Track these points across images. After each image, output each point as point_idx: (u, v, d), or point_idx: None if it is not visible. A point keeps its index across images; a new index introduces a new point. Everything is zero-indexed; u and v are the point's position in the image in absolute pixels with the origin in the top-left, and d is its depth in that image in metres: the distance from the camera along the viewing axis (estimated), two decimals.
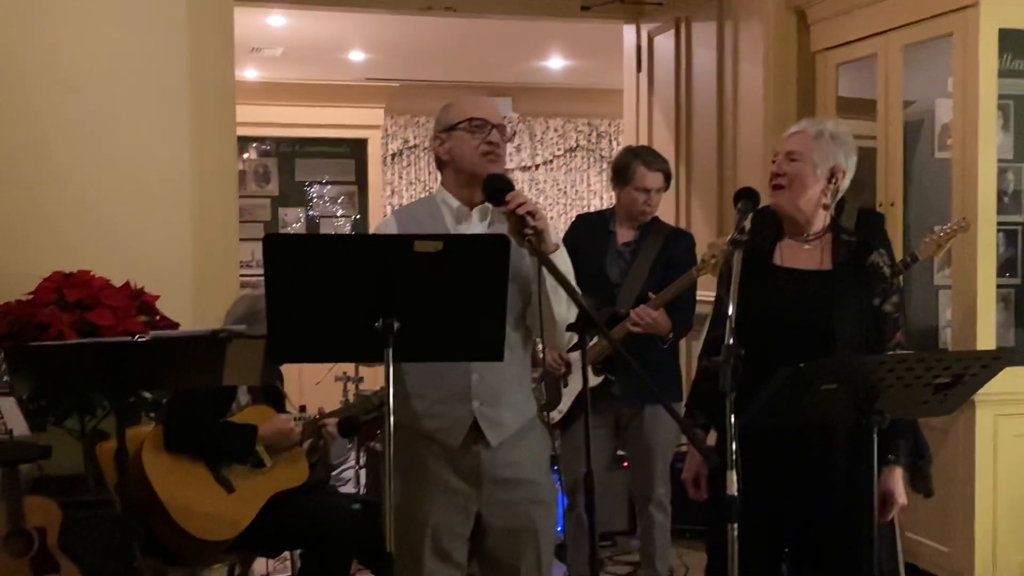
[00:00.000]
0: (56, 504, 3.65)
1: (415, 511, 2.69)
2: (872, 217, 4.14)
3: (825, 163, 2.77)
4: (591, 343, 4.02)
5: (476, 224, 2.71)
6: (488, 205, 2.68)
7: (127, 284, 4.13)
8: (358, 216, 8.86)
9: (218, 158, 4.77)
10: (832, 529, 2.72)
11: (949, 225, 4.09)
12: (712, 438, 2.83)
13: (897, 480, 2.73)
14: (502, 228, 2.51)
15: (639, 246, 4.16)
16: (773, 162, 2.83)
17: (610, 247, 4.20)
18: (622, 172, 4.15)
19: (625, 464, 4.75)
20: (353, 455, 6.22)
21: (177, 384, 3.35)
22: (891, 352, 2.74)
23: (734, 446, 2.29)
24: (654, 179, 4.09)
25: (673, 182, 4.39)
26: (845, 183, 2.83)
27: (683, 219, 6.05)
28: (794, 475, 2.70)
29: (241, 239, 5.16)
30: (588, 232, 4.30)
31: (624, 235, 4.21)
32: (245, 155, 8.44)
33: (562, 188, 9.79)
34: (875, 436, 2.41)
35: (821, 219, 2.83)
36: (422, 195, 9.19)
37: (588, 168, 9.86)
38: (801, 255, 2.83)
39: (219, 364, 2.62)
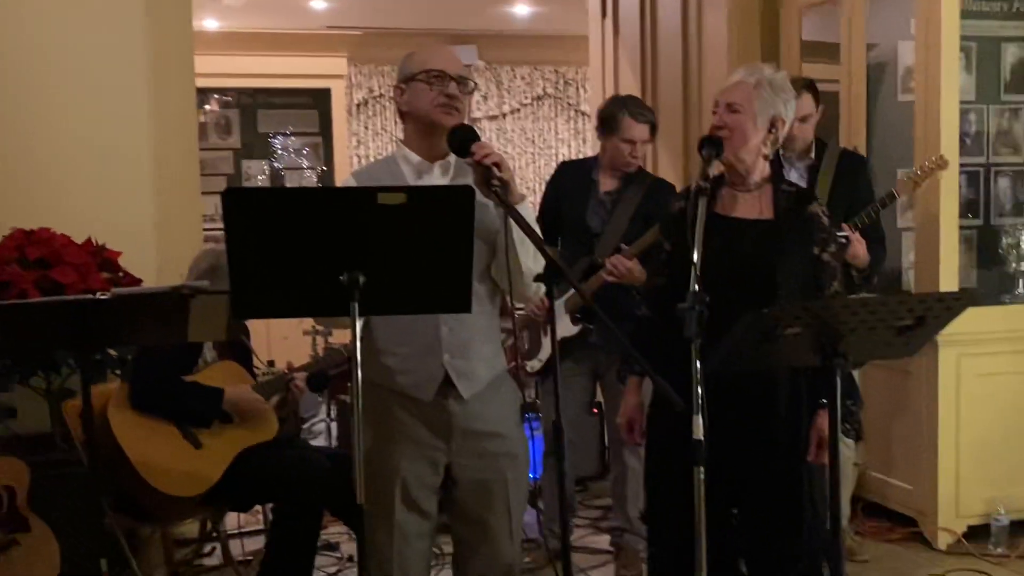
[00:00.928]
0: (24, 463, 3.63)
1: (385, 462, 2.69)
2: (854, 159, 4.14)
3: (765, 113, 2.77)
4: (568, 294, 4.05)
5: (438, 178, 2.68)
6: (450, 159, 2.66)
7: (88, 241, 4.08)
8: (323, 168, 8.79)
9: (178, 110, 4.71)
10: (774, 472, 2.77)
11: (926, 162, 4.10)
12: (648, 386, 2.86)
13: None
14: (464, 182, 2.49)
15: (620, 196, 4.15)
16: (714, 113, 2.82)
17: (592, 195, 4.18)
18: (608, 122, 4.12)
19: (595, 412, 4.79)
20: (324, 409, 6.23)
21: (141, 341, 3.33)
22: (828, 298, 2.77)
23: (700, 391, 2.31)
24: (640, 131, 4.07)
25: None
26: (784, 132, 2.84)
27: (649, 165, 6.03)
28: (737, 420, 2.73)
29: (203, 192, 5.12)
30: (571, 180, 4.28)
31: (606, 184, 4.19)
32: (206, 107, 8.33)
33: (530, 137, 9.74)
34: (838, 380, 2.43)
35: (761, 169, 2.84)
36: (389, 145, 9.12)
37: (556, 116, 9.81)
38: (742, 204, 2.84)
39: (183, 320, 2.59)
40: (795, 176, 4.09)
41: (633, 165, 4.15)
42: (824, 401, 2.67)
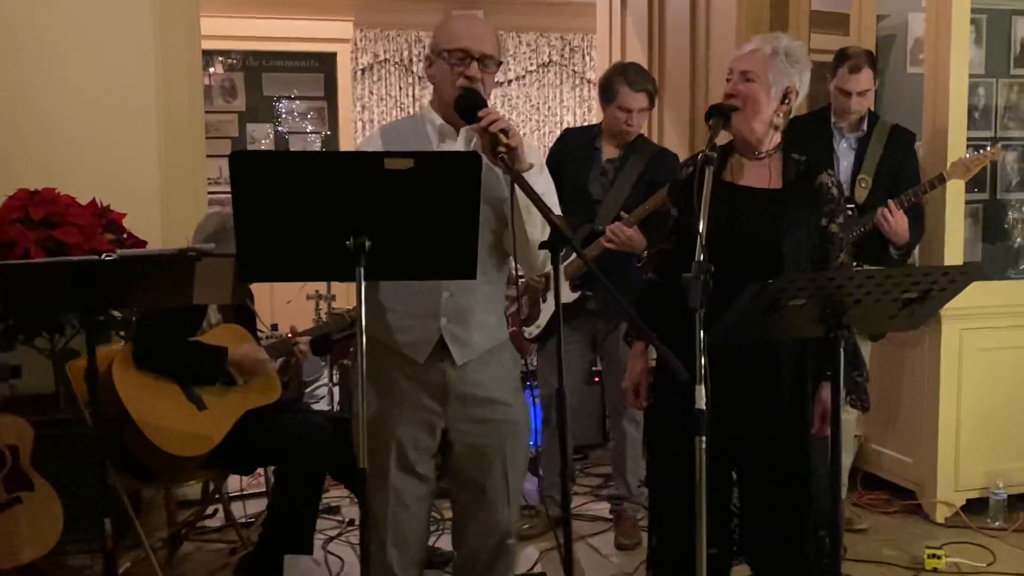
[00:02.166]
0: (28, 423, 3.65)
1: (382, 425, 2.70)
2: (904, 134, 4.14)
3: (779, 84, 2.75)
4: (568, 260, 4.05)
5: (460, 144, 2.67)
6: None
7: (93, 202, 4.08)
8: (328, 132, 8.76)
9: (183, 73, 4.68)
10: (777, 443, 2.78)
11: (982, 152, 4.10)
12: (650, 355, 2.86)
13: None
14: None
15: (623, 164, 4.15)
16: (728, 80, 2.80)
17: (594, 163, 4.18)
18: (607, 90, 4.12)
19: (596, 380, 4.80)
20: (326, 372, 6.24)
21: (146, 303, 3.34)
22: (835, 270, 2.77)
23: (703, 360, 2.30)
24: (636, 99, 4.06)
25: None
26: (797, 103, 2.82)
27: (655, 133, 6.02)
28: (741, 391, 2.75)
29: (208, 155, 5.09)
30: (573, 147, 4.27)
31: (609, 152, 4.19)
32: (211, 69, 8.28)
33: (535, 104, 9.69)
34: (841, 352, 2.44)
35: (772, 139, 2.83)
36: (393, 111, 9.08)
37: (561, 84, 9.75)
38: (751, 173, 2.84)
39: (188, 283, 2.59)
40: (844, 147, 4.11)
41: (630, 134, 4.13)
42: (830, 372, 2.68)
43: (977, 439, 4.48)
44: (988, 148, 4.09)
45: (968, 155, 4.06)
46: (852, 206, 3.71)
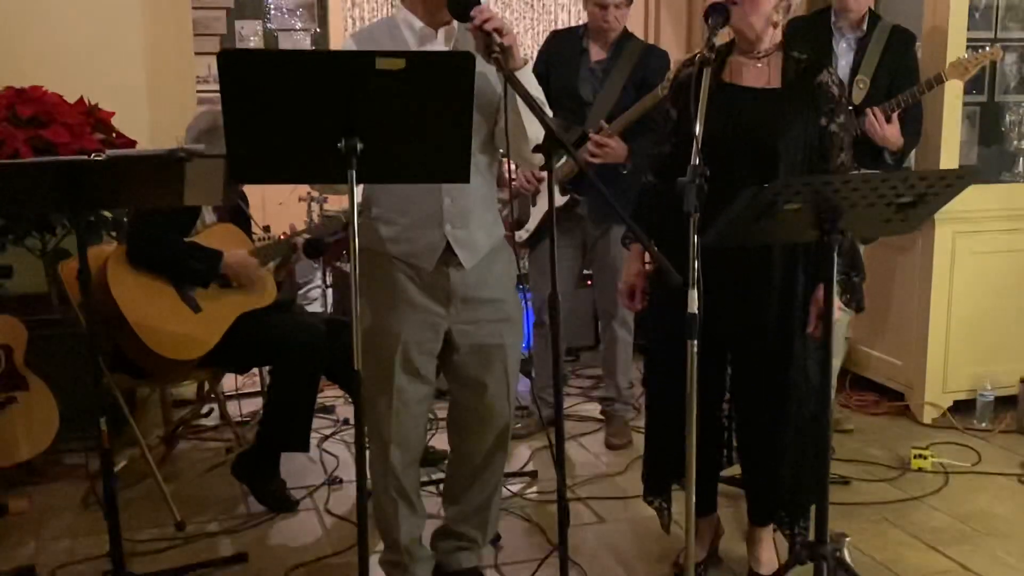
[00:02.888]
0: (21, 322, 3.66)
1: (386, 329, 2.72)
2: (904, 34, 4.07)
3: None
4: (560, 163, 4.01)
5: (441, 45, 2.63)
6: (454, 26, 2.60)
7: (81, 100, 4.03)
8: (318, 29, 8.59)
9: None
10: (767, 343, 2.80)
11: (980, 52, 4.03)
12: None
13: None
14: (468, 49, 2.43)
15: (611, 64, 4.08)
16: None
17: (582, 65, 4.12)
18: None
19: (589, 283, 4.81)
20: (319, 274, 6.25)
21: (136, 203, 3.31)
22: (835, 170, 2.75)
23: (696, 265, 2.30)
24: None
25: None
26: (798, 1, 2.77)
27: (652, 34, 5.93)
28: (733, 292, 2.76)
29: (196, 53, 5.01)
30: (561, 49, 4.21)
31: (597, 53, 4.12)
32: None
33: (529, 1, 9.50)
34: (836, 255, 2.44)
35: (771, 37, 2.78)
36: (385, 6, 8.90)
37: None
38: (750, 72, 2.80)
39: (179, 183, 2.56)
40: (844, 47, 4.06)
41: (609, 30, 4.05)
42: None
43: (966, 342, 4.51)
44: (987, 48, 4.03)
45: (967, 55, 4.01)
46: (850, 107, 3.66)
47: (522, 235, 4.25)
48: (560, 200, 4.09)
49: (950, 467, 3.97)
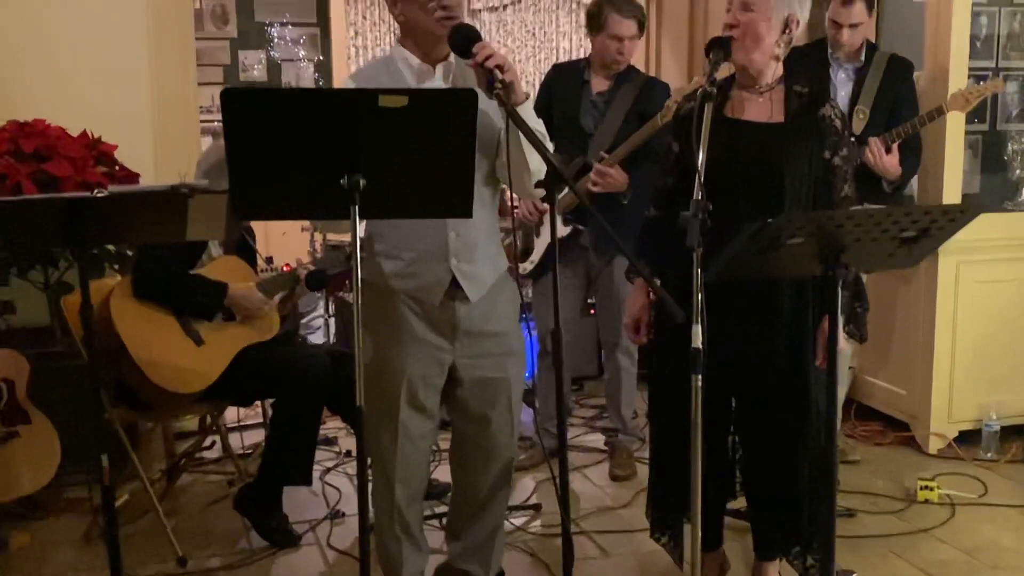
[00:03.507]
0: (24, 356, 3.65)
1: (391, 364, 2.71)
2: (902, 63, 4.09)
3: (780, 13, 2.70)
4: (561, 194, 4.01)
5: (439, 82, 2.64)
6: (451, 61, 2.61)
7: (84, 133, 4.04)
8: (321, 58, 8.63)
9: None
10: (776, 375, 2.79)
11: (983, 83, 4.05)
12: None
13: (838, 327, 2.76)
14: (466, 85, 2.44)
15: (613, 96, 4.11)
16: (728, 11, 2.75)
17: (584, 97, 4.14)
18: (595, 19, 4.06)
19: (592, 312, 4.80)
20: (322, 305, 6.24)
21: (139, 239, 3.32)
22: (839, 202, 2.76)
23: (700, 298, 2.30)
24: (627, 27, 4.00)
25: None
26: (798, 32, 2.77)
27: (653, 66, 5.96)
28: (741, 324, 2.75)
29: (200, 83, 5.02)
30: (563, 81, 4.23)
31: (599, 84, 4.15)
32: None
33: (530, 30, 9.52)
34: (839, 289, 2.43)
35: (773, 70, 2.78)
36: (388, 35, 8.94)
37: (557, 9, 9.57)
38: (753, 107, 2.80)
39: (181, 219, 2.55)
40: (843, 77, 4.08)
41: (621, 63, 4.09)
42: None
43: (971, 371, 4.49)
44: (989, 79, 4.04)
45: (968, 86, 4.01)
46: (852, 138, 3.67)
47: (527, 267, 4.24)
48: (563, 231, 4.10)
49: (957, 499, 3.94)
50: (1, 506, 3.60)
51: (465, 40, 2.43)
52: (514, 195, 2.75)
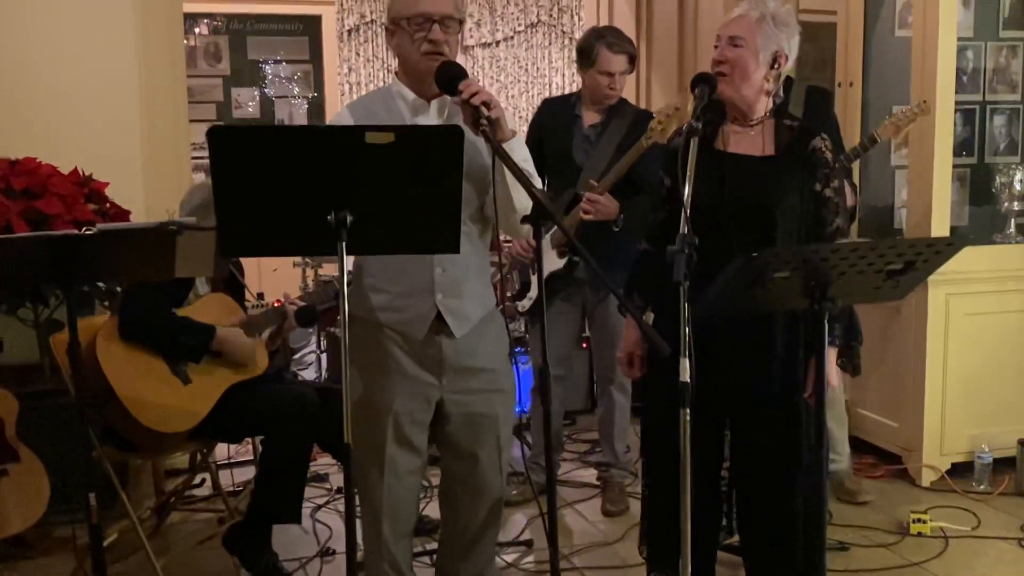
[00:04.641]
0: (12, 394, 3.63)
1: (377, 399, 2.70)
2: (820, 95, 4.08)
3: (768, 49, 2.72)
4: (553, 229, 4.03)
5: (433, 117, 2.65)
6: (447, 97, 2.63)
7: (75, 171, 4.05)
8: (314, 95, 8.69)
9: (164, 37, 4.63)
10: (769, 409, 2.78)
11: (909, 107, 4.07)
12: (648, 320, 2.86)
13: (831, 361, 2.77)
14: (460, 121, 2.46)
15: (604, 129, 4.13)
16: (715, 47, 2.77)
17: (576, 131, 4.17)
18: (586, 54, 4.09)
19: (584, 346, 4.80)
20: (313, 340, 6.24)
21: (128, 276, 3.31)
22: (830, 234, 2.76)
23: (688, 332, 2.30)
24: (618, 62, 4.04)
25: None
26: (787, 67, 2.79)
27: (643, 99, 5.99)
28: (734, 357, 2.75)
29: (193, 120, 5.05)
30: (553, 116, 4.26)
31: (590, 118, 4.17)
32: (196, 30, 8.19)
33: (523, 65, 9.60)
34: (826, 323, 2.43)
35: (763, 105, 2.80)
36: (381, 72, 9.00)
37: (550, 44, 9.66)
38: (744, 141, 2.81)
39: (170, 256, 2.57)
40: None
41: (613, 97, 4.12)
42: (828, 340, 2.67)
43: (962, 403, 4.50)
44: (916, 105, 4.05)
45: (896, 115, 4.03)
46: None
47: (525, 304, 4.23)
48: (559, 263, 4.11)
49: (949, 531, 3.93)
50: None
51: (451, 78, 2.44)
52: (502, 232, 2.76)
